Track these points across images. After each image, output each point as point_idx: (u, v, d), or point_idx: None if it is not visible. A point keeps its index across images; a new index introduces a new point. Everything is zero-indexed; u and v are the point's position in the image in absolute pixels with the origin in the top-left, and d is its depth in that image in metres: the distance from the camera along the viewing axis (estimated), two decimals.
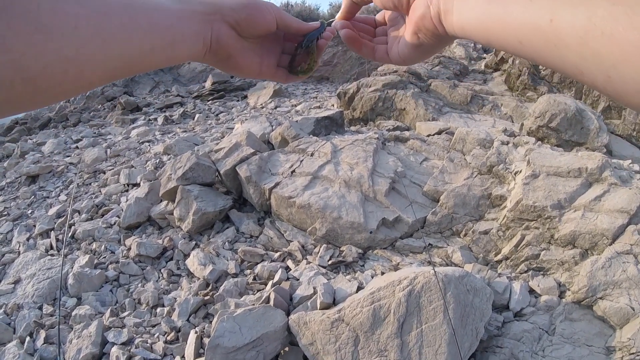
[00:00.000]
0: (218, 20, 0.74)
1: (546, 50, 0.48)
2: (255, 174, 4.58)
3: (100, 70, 0.56)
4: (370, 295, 2.93)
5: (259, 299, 3.37)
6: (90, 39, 0.53)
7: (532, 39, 0.49)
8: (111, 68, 0.58)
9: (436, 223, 4.28)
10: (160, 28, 0.63)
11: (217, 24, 0.74)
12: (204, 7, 0.72)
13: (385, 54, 0.86)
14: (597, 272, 3.41)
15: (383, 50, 0.86)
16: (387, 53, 0.85)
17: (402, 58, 0.81)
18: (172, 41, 0.66)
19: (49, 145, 7.75)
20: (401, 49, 0.80)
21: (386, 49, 0.86)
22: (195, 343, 3.06)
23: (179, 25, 0.67)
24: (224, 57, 0.78)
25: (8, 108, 0.50)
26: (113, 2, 0.57)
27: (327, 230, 4.08)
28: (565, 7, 0.44)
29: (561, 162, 4.32)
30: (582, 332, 3.21)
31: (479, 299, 3.04)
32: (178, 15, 0.67)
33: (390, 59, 0.84)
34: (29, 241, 4.75)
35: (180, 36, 0.67)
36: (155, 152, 6.51)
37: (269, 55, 0.89)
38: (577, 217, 3.83)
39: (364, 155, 4.80)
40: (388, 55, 0.85)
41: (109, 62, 0.57)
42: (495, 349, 3.11)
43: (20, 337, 3.44)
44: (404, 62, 0.83)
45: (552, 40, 0.46)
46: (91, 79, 0.56)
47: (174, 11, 0.67)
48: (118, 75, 0.60)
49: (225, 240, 4.26)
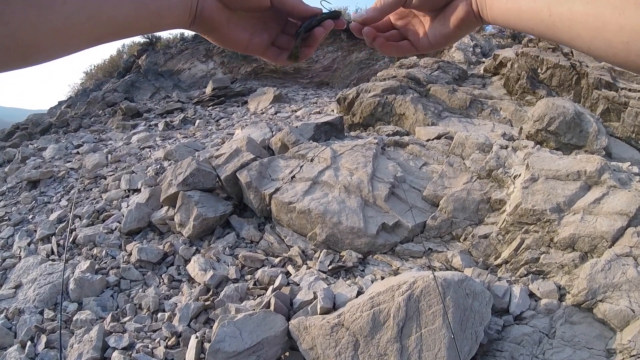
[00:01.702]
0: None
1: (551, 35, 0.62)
2: (255, 180, 4.59)
3: (87, 38, 0.61)
4: (370, 299, 2.94)
5: (259, 304, 3.37)
6: (78, 10, 0.57)
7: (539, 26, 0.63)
8: (97, 35, 0.62)
9: (436, 227, 4.29)
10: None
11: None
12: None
13: (410, 46, 0.87)
14: (596, 275, 3.41)
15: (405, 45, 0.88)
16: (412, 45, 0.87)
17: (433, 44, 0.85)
18: (158, 10, 0.67)
19: (49, 151, 7.77)
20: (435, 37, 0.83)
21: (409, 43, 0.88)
22: (196, 348, 3.06)
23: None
24: (208, 29, 0.78)
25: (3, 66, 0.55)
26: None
27: (327, 235, 4.09)
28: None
29: (560, 166, 4.33)
30: (583, 335, 3.22)
31: (479, 302, 3.04)
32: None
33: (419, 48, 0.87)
34: (30, 246, 4.76)
35: (167, 5, 0.68)
36: (155, 157, 6.52)
37: (262, 32, 0.86)
38: (577, 220, 3.84)
39: (363, 160, 4.81)
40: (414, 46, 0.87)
41: (96, 29, 0.61)
42: (495, 353, 3.11)
43: (22, 341, 3.44)
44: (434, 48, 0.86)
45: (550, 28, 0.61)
46: (78, 44, 0.60)
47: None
48: (104, 40, 0.65)
49: (226, 245, 4.27)
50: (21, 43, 0.54)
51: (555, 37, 0.62)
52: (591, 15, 0.55)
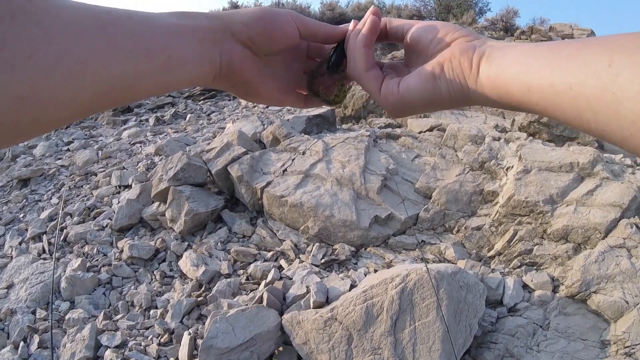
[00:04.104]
0: (229, 39, 0.62)
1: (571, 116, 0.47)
2: (246, 174, 4.57)
3: (69, 108, 0.46)
4: (363, 293, 2.93)
5: (252, 299, 3.36)
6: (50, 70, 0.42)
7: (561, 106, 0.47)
8: (83, 104, 0.47)
9: (428, 220, 4.28)
10: (149, 50, 0.52)
11: (228, 43, 0.62)
12: (210, 23, 0.61)
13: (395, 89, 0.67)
14: (590, 266, 3.41)
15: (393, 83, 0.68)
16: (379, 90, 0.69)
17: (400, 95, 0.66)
18: (167, 65, 0.54)
19: (40, 148, 7.70)
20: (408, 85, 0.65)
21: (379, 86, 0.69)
22: (189, 345, 3.04)
23: (176, 45, 0.55)
24: (238, 82, 0.67)
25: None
26: (86, 21, 0.46)
27: (319, 228, 4.08)
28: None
29: (553, 157, 4.32)
30: (577, 327, 3.21)
31: (472, 295, 3.04)
32: (176, 32, 0.56)
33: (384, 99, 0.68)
34: (22, 245, 4.72)
35: (178, 59, 0.55)
36: (146, 153, 6.48)
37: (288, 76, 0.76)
38: (570, 211, 3.84)
39: (355, 153, 4.79)
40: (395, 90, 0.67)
41: (79, 96, 0.46)
42: (489, 345, 3.11)
43: (14, 342, 3.41)
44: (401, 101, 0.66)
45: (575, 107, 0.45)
46: (57, 117, 0.46)
47: (171, 28, 0.55)
48: (96, 109, 0.50)
49: (218, 240, 4.24)
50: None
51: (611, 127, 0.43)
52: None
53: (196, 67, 0.58)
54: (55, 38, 0.42)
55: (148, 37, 0.52)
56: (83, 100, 0.46)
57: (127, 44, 0.49)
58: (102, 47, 0.47)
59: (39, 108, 0.42)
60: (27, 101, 0.41)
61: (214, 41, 0.60)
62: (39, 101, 0.42)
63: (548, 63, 0.48)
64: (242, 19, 0.63)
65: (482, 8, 17.72)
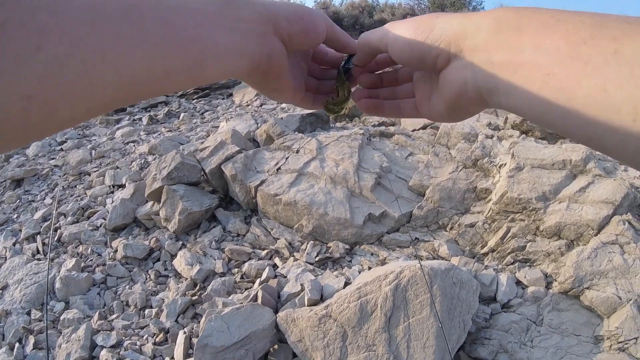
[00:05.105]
0: (270, 33, 0.59)
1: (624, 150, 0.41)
2: (240, 172, 4.57)
3: (84, 105, 0.40)
4: (357, 290, 2.94)
5: (246, 297, 3.36)
6: (62, 64, 0.36)
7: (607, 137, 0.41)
8: (101, 101, 0.41)
9: (422, 217, 4.29)
10: (180, 40, 0.46)
11: (270, 37, 0.59)
12: (254, 15, 0.56)
13: (415, 109, 0.71)
14: (583, 263, 3.43)
15: (411, 106, 0.72)
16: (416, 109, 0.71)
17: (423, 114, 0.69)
18: (201, 58, 0.48)
19: (33, 148, 7.67)
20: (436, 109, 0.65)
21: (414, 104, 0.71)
22: (184, 344, 3.05)
23: (212, 36, 0.49)
24: (272, 77, 0.63)
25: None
26: (106, 5, 0.39)
27: (313, 226, 4.08)
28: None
29: (545, 155, 4.34)
30: (570, 322, 3.24)
31: (466, 291, 3.05)
32: (214, 22, 0.50)
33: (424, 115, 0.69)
34: (16, 246, 4.70)
35: (213, 51, 0.50)
36: (140, 152, 6.47)
37: (301, 75, 0.74)
38: (562, 208, 3.86)
39: (349, 151, 4.80)
40: (419, 111, 0.70)
41: (96, 93, 0.39)
42: (483, 341, 3.12)
43: (10, 343, 3.41)
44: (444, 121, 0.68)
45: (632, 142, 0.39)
46: (72, 115, 0.40)
47: (209, 16, 0.50)
48: (115, 105, 0.44)
49: (212, 239, 4.24)
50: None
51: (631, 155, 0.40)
52: None
53: (234, 60, 0.54)
54: (67, 26, 0.36)
55: (180, 26, 0.46)
56: (101, 98, 0.40)
57: (154, 33, 0.43)
58: (124, 37, 0.40)
59: (50, 107, 0.37)
60: (35, 100, 0.35)
61: (257, 34, 0.57)
62: (49, 100, 0.36)
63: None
64: (285, 14, 0.60)
65: (476, 7, 17.73)
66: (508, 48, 0.48)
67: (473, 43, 0.52)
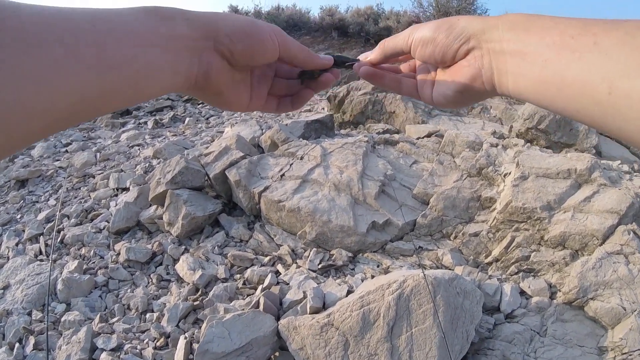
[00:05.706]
0: (209, 49, 0.59)
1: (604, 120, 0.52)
2: (244, 178, 4.57)
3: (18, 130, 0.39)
4: (360, 299, 2.92)
5: (248, 303, 3.35)
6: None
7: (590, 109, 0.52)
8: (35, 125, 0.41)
9: (426, 226, 4.27)
10: (113, 62, 0.46)
11: (208, 54, 0.59)
12: (191, 30, 0.57)
13: (415, 90, 0.78)
14: (587, 273, 3.41)
15: (412, 85, 0.78)
16: (416, 89, 0.77)
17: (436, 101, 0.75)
18: (135, 79, 0.49)
19: (38, 149, 7.69)
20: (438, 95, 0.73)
21: (416, 85, 0.78)
22: (185, 349, 3.03)
23: (146, 56, 0.50)
24: (211, 92, 0.64)
25: None
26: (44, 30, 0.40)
27: (317, 233, 4.07)
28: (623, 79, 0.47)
29: (550, 164, 4.33)
30: (574, 333, 3.21)
31: (469, 301, 3.03)
32: (147, 41, 0.51)
33: (423, 98, 0.76)
34: (18, 246, 4.71)
35: (146, 71, 0.51)
36: (144, 156, 6.48)
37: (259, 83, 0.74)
38: (567, 218, 3.84)
39: (353, 158, 4.79)
40: (418, 92, 0.77)
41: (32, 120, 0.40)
42: (486, 352, 3.10)
43: (10, 343, 3.40)
44: (441, 105, 0.75)
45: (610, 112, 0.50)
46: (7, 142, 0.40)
47: (141, 36, 0.50)
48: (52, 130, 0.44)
49: (215, 244, 4.24)
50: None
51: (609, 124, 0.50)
52: None
53: (168, 78, 0.55)
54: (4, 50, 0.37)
55: (113, 48, 0.47)
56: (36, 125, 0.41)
57: (89, 56, 0.44)
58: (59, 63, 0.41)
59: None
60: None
61: (192, 51, 0.57)
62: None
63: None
64: (227, 30, 0.60)
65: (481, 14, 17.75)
66: (518, 41, 0.59)
67: (491, 37, 0.63)
